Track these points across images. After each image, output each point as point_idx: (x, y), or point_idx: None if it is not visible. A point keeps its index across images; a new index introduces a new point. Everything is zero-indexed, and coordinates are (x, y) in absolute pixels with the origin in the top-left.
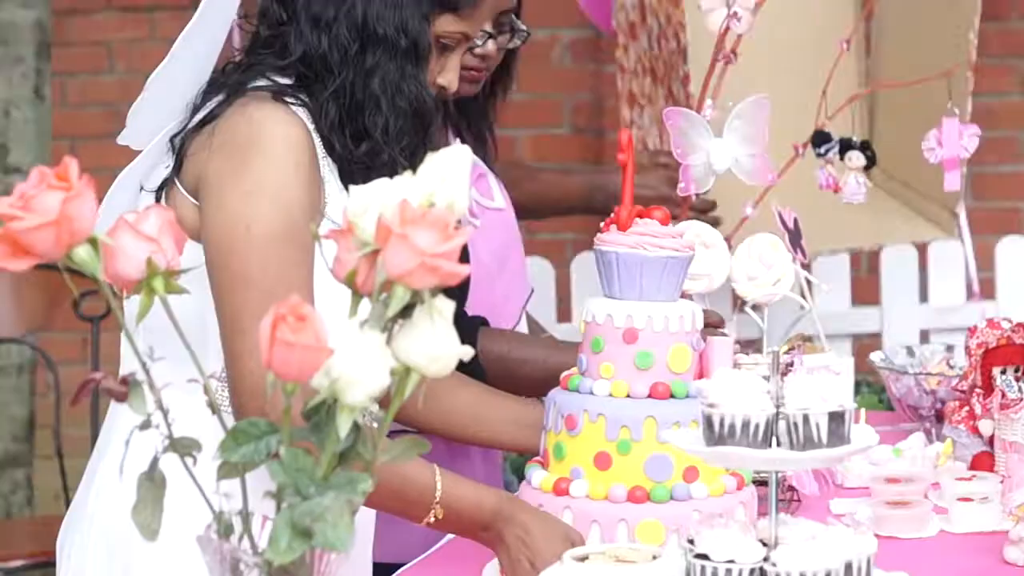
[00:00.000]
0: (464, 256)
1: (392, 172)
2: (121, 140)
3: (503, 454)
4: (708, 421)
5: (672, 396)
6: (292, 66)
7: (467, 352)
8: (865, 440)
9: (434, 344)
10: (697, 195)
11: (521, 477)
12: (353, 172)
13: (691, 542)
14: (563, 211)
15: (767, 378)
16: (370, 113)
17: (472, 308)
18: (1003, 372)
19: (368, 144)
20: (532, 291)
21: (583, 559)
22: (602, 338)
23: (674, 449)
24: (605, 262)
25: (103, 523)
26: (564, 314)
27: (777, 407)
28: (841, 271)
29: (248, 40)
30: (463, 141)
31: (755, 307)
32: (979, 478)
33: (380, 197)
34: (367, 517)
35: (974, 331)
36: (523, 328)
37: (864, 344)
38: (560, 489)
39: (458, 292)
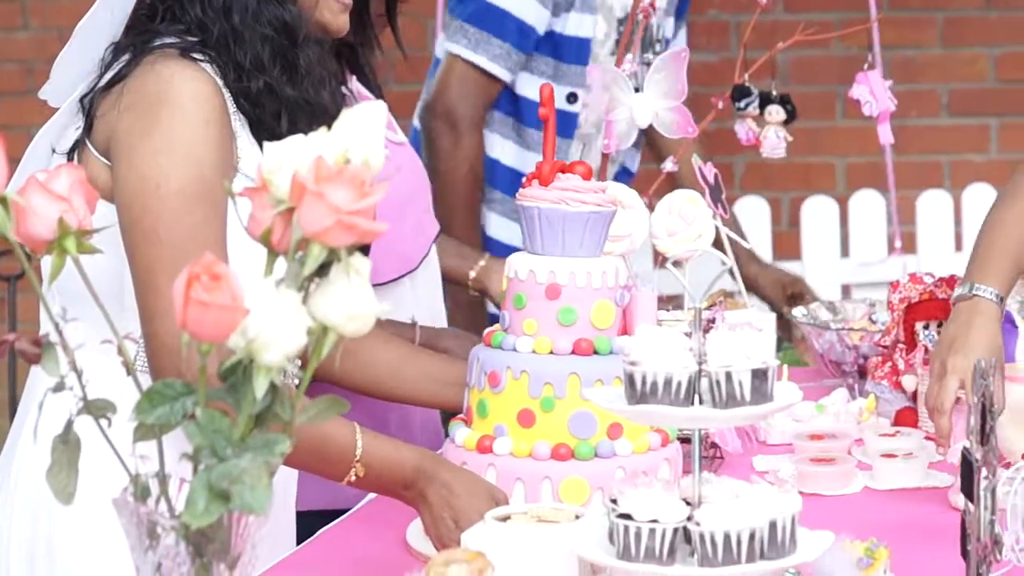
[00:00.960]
0: None
1: (291, 111)
2: (41, 94)
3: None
4: (630, 379)
5: (596, 352)
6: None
7: (386, 310)
8: (788, 397)
9: (351, 303)
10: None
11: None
12: (263, 125)
13: (614, 502)
14: None
15: (689, 335)
16: (239, 49)
17: (381, 244)
18: (926, 327)
19: (253, 83)
20: (441, 229)
21: (505, 519)
22: (524, 294)
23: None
24: (527, 217)
25: (25, 488)
26: None
27: (700, 364)
28: (762, 225)
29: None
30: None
31: (676, 263)
32: (902, 434)
33: (295, 154)
34: (289, 471)
35: (896, 286)
36: (432, 266)
37: None
38: (484, 447)
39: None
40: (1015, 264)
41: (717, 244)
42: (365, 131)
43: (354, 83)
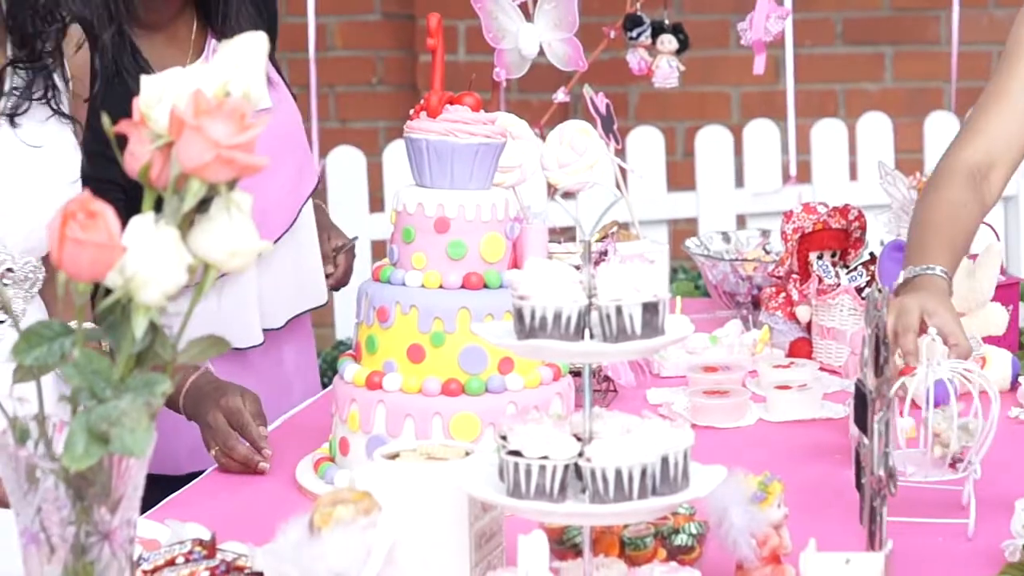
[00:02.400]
0: None
1: None
2: None
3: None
4: (519, 313)
5: (486, 286)
6: None
7: (266, 246)
8: (679, 330)
9: (233, 238)
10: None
11: (335, 371)
12: None
13: (503, 439)
14: None
15: (580, 268)
16: None
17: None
18: (820, 257)
19: None
20: (318, 183)
21: (394, 457)
22: (413, 228)
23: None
24: (415, 150)
25: None
26: (376, 204)
27: (589, 298)
28: (656, 155)
29: None
30: None
31: (566, 194)
32: (797, 365)
33: (173, 87)
34: None
35: (790, 216)
36: (307, 222)
37: (681, 229)
38: (373, 383)
39: None
40: (953, 254)
41: None
42: (245, 63)
43: None
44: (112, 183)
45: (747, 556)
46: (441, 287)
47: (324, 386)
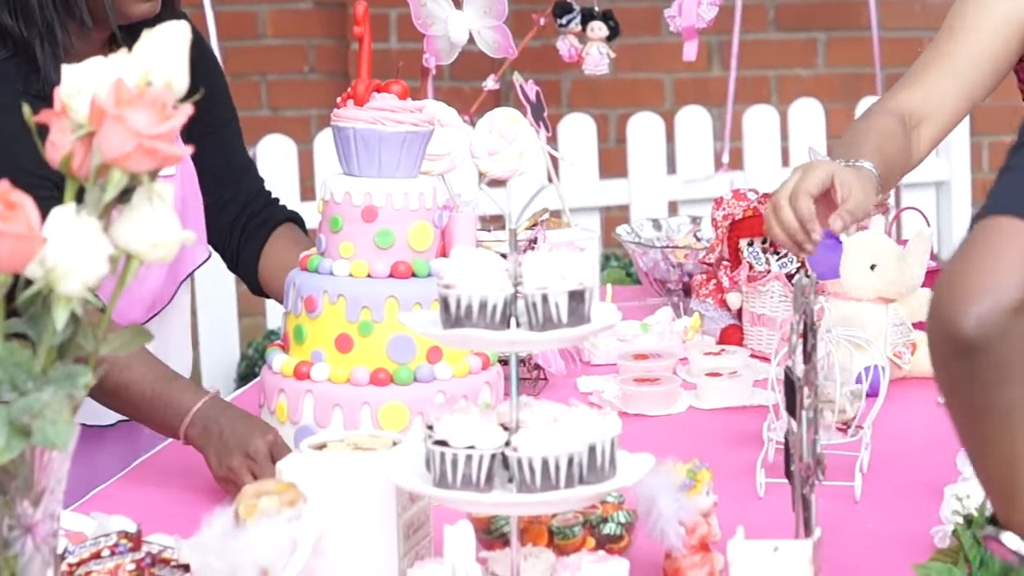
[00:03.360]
0: None
1: None
2: None
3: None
4: (444, 302)
5: (414, 275)
6: None
7: (189, 236)
8: (606, 318)
9: (154, 229)
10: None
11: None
12: None
13: (430, 428)
14: None
15: (506, 256)
16: None
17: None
18: (750, 244)
19: None
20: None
21: (321, 447)
22: (341, 217)
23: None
24: (343, 138)
25: None
26: (308, 193)
27: (515, 286)
28: (588, 142)
29: None
30: None
31: (493, 182)
32: (727, 352)
33: (94, 76)
34: None
35: (720, 203)
36: (181, 301)
37: (613, 217)
38: (301, 373)
39: None
40: (883, 163)
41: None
42: (167, 52)
43: None
44: (46, 178)
45: (675, 545)
46: (369, 276)
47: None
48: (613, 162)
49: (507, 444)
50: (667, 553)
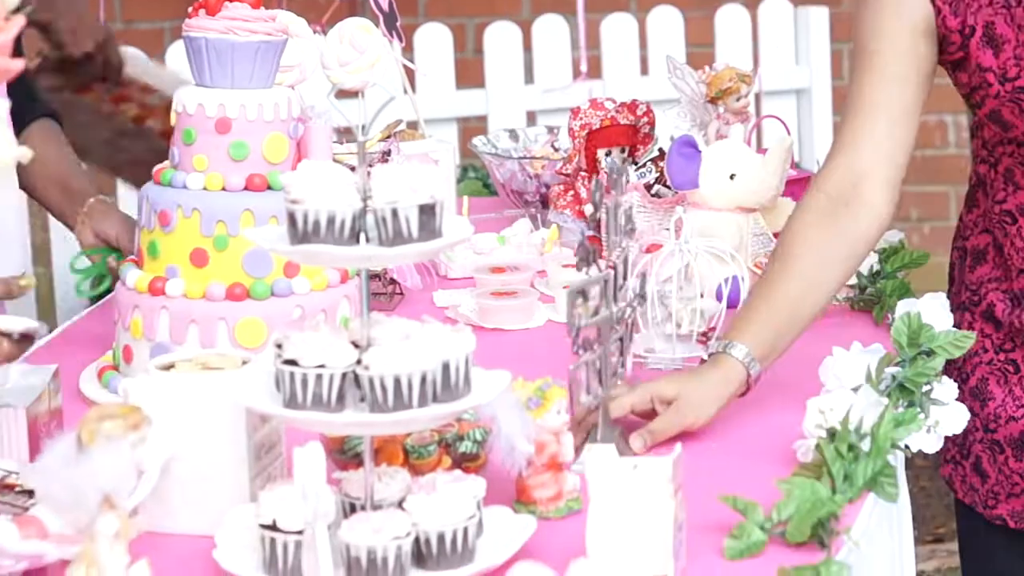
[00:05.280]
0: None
1: None
2: None
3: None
4: (292, 218)
5: (269, 188)
6: None
7: (23, 152)
8: (459, 232)
9: None
10: None
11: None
12: None
13: (279, 347)
14: None
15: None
16: None
17: None
18: (607, 153)
19: None
20: None
21: (169, 368)
22: (194, 129)
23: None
24: (195, 49)
25: None
26: None
27: (364, 201)
28: (445, 52)
29: None
30: None
31: (351, 94)
32: None
33: None
34: None
35: (577, 112)
36: None
37: (471, 128)
38: (156, 289)
39: None
40: (776, 335)
41: None
42: None
43: None
44: None
45: (519, 463)
46: (223, 189)
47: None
48: (470, 72)
49: (358, 362)
50: (519, 472)
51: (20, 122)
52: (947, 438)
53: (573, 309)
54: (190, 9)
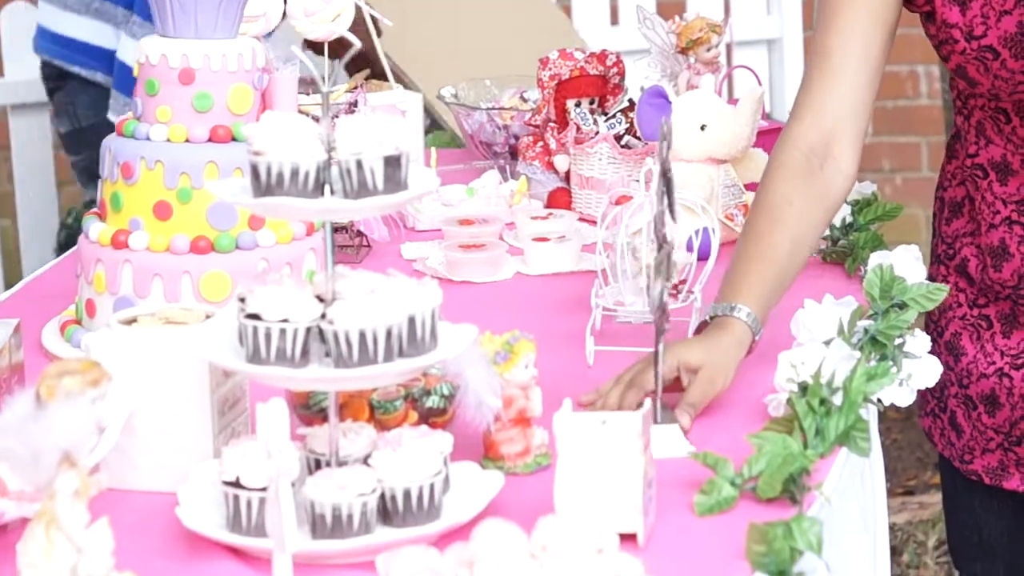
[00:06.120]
0: None
1: None
2: None
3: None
4: (254, 170)
5: (234, 139)
6: None
7: None
8: (425, 184)
9: None
10: None
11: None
12: None
13: (242, 301)
14: None
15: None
16: None
17: None
18: (577, 105)
19: None
20: None
21: (131, 322)
22: (157, 80)
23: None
24: None
25: None
26: None
27: (328, 152)
28: None
29: None
30: None
31: (309, 44)
32: (555, 216)
33: None
34: None
35: (546, 62)
36: None
37: None
38: (119, 242)
39: None
40: (766, 278)
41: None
42: None
43: None
44: None
45: (485, 418)
46: (187, 141)
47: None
48: None
49: (322, 317)
50: (487, 427)
51: None
52: (927, 391)
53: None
54: None
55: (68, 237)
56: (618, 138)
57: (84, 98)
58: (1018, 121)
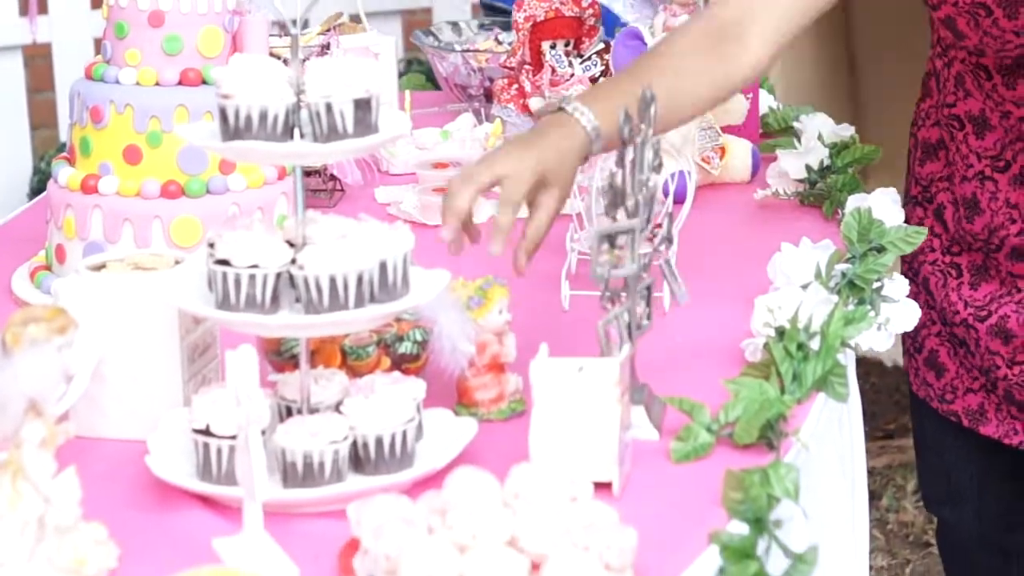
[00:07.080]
0: None
1: None
2: None
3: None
4: (223, 113)
5: (204, 83)
6: None
7: None
8: (395, 128)
9: None
10: None
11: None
12: None
13: (211, 246)
14: None
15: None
16: None
17: None
18: (552, 47)
19: None
20: None
21: (100, 268)
22: (126, 23)
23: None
24: None
25: None
26: (97, 2)
27: (298, 95)
28: None
29: None
30: None
31: None
32: None
33: None
34: None
35: (521, 4)
36: None
37: (416, 20)
38: (88, 187)
39: None
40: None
41: None
42: None
43: None
44: None
45: (459, 364)
46: (157, 84)
47: None
48: None
49: (293, 262)
50: (461, 373)
51: None
52: None
53: (599, 257)
54: None
55: (41, 182)
56: (593, 80)
57: None
58: (999, 79)
